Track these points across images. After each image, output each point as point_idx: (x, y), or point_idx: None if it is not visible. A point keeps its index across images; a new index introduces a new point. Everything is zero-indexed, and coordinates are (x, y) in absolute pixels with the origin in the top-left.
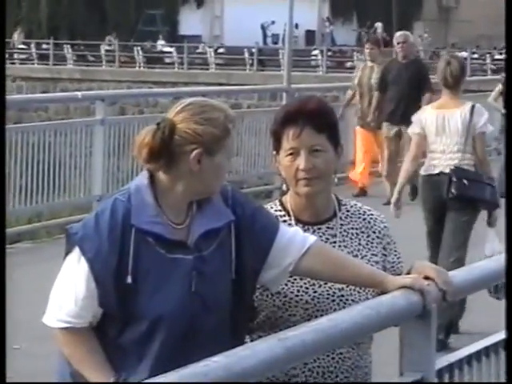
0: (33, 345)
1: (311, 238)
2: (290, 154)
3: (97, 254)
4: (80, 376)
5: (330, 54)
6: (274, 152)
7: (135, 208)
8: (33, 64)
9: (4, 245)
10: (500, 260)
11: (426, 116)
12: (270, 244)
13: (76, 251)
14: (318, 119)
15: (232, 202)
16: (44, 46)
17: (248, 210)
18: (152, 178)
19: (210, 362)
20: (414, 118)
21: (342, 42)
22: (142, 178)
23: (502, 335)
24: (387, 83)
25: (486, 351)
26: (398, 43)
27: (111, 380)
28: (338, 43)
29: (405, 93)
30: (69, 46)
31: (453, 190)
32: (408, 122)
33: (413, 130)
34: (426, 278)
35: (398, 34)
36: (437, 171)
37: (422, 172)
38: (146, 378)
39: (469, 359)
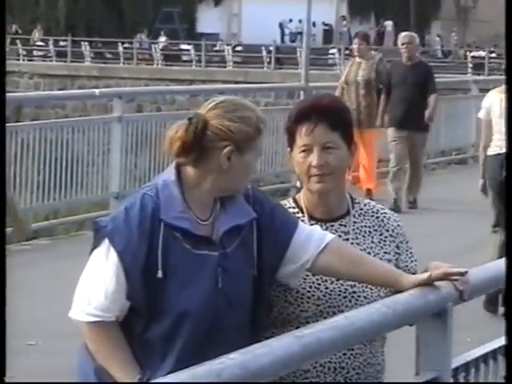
0: (49, 342)
1: (329, 236)
2: (303, 150)
3: (127, 247)
4: (104, 372)
5: (347, 52)
6: (289, 149)
7: (163, 203)
8: (51, 61)
9: (4, 245)
10: None
11: (491, 100)
12: (288, 241)
13: (105, 244)
14: (331, 116)
15: (252, 200)
16: (62, 44)
17: (267, 208)
18: (179, 173)
19: (226, 360)
20: (483, 104)
21: None
22: (170, 174)
23: None
24: (391, 87)
25: (502, 350)
26: (403, 44)
27: (136, 378)
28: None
29: (411, 96)
30: (86, 43)
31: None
32: (415, 127)
33: (482, 117)
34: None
35: (402, 34)
36: (502, 151)
37: (490, 152)
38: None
39: (485, 358)
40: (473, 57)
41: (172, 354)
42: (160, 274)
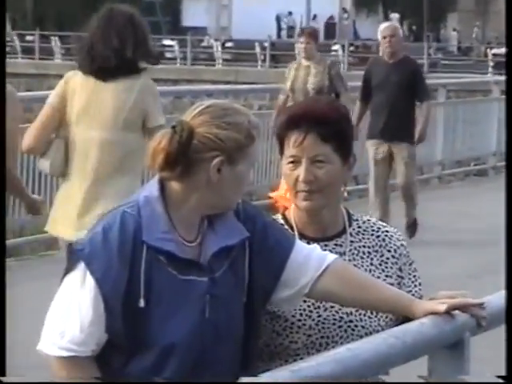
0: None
1: (330, 256)
2: (291, 161)
3: (106, 274)
4: None
5: (352, 48)
6: (280, 156)
7: (146, 222)
8: (16, 58)
9: (4, 246)
10: None
11: None
12: (284, 262)
13: (81, 269)
14: (324, 126)
15: (244, 217)
16: (29, 38)
17: (260, 225)
18: (163, 188)
19: None
20: None
21: (365, 36)
22: (152, 189)
23: None
24: (371, 89)
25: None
26: (384, 37)
27: None
28: (362, 37)
29: (393, 101)
30: (57, 38)
31: None
32: (400, 139)
33: None
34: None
35: (383, 25)
36: None
37: None
38: None
39: None
40: (494, 54)
41: None
42: (142, 303)
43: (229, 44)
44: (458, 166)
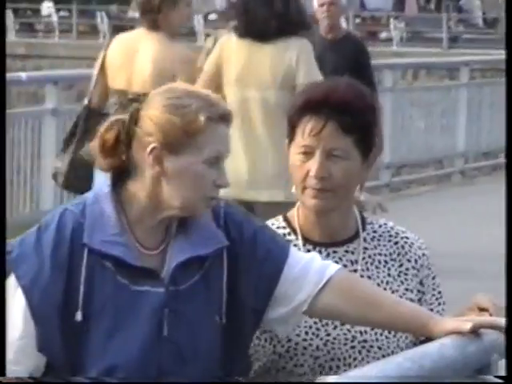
0: None
1: (332, 267)
2: (304, 152)
3: (35, 280)
4: None
5: (358, 21)
6: (287, 141)
7: (89, 223)
8: None
9: (4, 252)
10: None
11: None
12: (277, 275)
13: (12, 277)
14: (347, 115)
15: (225, 222)
16: None
17: (247, 232)
18: (116, 185)
19: None
20: None
21: (374, 7)
22: (103, 185)
23: None
24: None
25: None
26: (322, 5)
27: None
28: (370, 7)
29: None
30: (10, 10)
31: None
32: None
33: None
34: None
35: None
36: None
37: None
38: None
39: None
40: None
41: None
42: (79, 316)
43: (212, 17)
44: (484, 159)
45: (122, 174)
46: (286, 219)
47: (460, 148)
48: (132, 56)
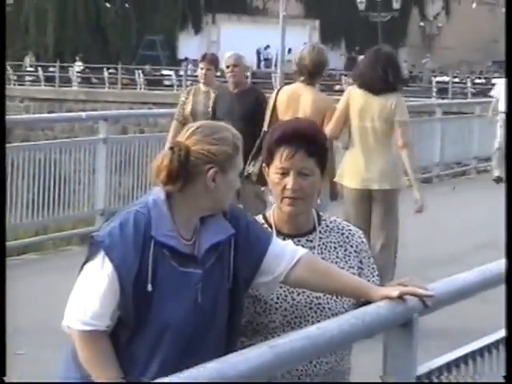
0: (36, 351)
1: (301, 251)
2: (281, 173)
3: (123, 262)
4: (90, 381)
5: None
6: (264, 165)
7: (154, 221)
8: (40, 85)
9: (4, 251)
10: (480, 272)
11: None
12: (263, 254)
13: (100, 257)
14: (310, 143)
15: (229, 216)
16: (51, 69)
17: (243, 223)
18: (168, 194)
19: (202, 369)
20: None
21: (331, 67)
22: (159, 193)
23: (480, 343)
24: (218, 118)
25: (465, 359)
26: (228, 67)
27: None
28: (328, 67)
29: (238, 130)
30: (74, 68)
31: None
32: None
33: None
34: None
35: (227, 55)
36: None
37: None
38: None
39: (448, 366)
40: (437, 82)
41: (154, 363)
42: (150, 287)
43: (217, 74)
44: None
45: (173, 192)
46: (264, 217)
47: None
48: (297, 99)
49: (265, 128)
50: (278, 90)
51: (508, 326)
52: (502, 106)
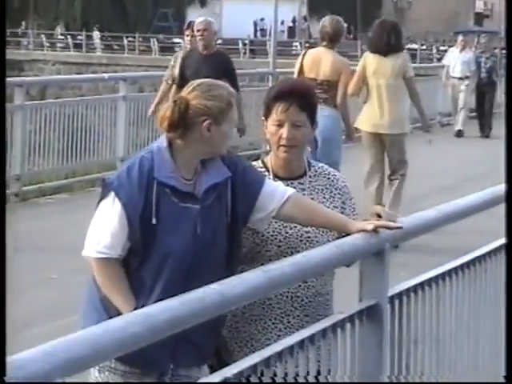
0: (67, 276)
1: (290, 190)
2: (277, 124)
3: (129, 199)
4: (108, 301)
5: (307, 45)
6: (263, 118)
7: (157, 165)
8: (69, 51)
9: (4, 243)
10: (440, 210)
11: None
12: (257, 194)
13: (111, 197)
14: (303, 99)
15: (228, 162)
16: (78, 37)
17: (240, 168)
18: (170, 141)
19: (208, 289)
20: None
21: (316, 35)
22: (163, 141)
23: (439, 270)
24: (187, 77)
25: (429, 282)
26: (198, 30)
27: (131, 307)
28: (314, 36)
29: None
30: (98, 36)
31: None
32: None
33: None
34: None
35: (198, 20)
36: None
37: None
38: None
39: (415, 288)
40: (407, 48)
41: (158, 286)
42: (154, 220)
43: (219, 41)
44: None
45: (174, 139)
46: (263, 162)
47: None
48: (319, 60)
49: None
50: (304, 53)
51: (507, 327)
52: (453, 72)
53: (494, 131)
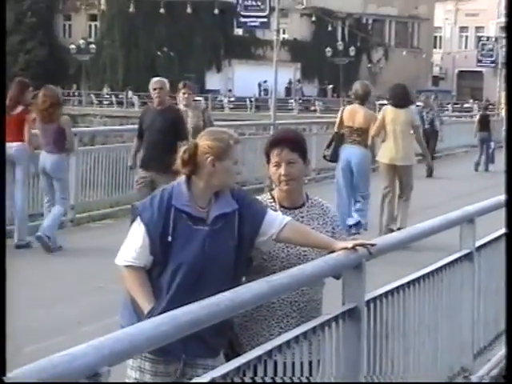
0: (111, 284)
1: (287, 218)
2: (275, 165)
3: (150, 221)
4: (135, 302)
5: (300, 101)
6: (266, 163)
7: (175, 195)
8: (113, 107)
9: (4, 242)
10: (405, 232)
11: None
12: (261, 221)
13: (137, 220)
14: (293, 143)
15: (236, 196)
16: (120, 96)
17: (247, 201)
18: (188, 177)
19: (222, 296)
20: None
21: (307, 94)
22: (182, 178)
23: (404, 279)
24: (143, 130)
25: (397, 289)
26: (155, 89)
27: (150, 306)
28: (306, 95)
29: (156, 140)
30: (136, 96)
31: None
32: (161, 169)
33: None
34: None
35: (154, 80)
36: None
37: None
38: (164, 308)
39: (386, 294)
40: (379, 104)
41: (171, 289)
42: (170, 238)
43: (232, 99)
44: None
45: (188, 174)
46: (271, 195)
47: None
48: (354, 114)
49: (335, 130)
50: (343, 109)
51: (507, 328)
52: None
53: (435, 172)
